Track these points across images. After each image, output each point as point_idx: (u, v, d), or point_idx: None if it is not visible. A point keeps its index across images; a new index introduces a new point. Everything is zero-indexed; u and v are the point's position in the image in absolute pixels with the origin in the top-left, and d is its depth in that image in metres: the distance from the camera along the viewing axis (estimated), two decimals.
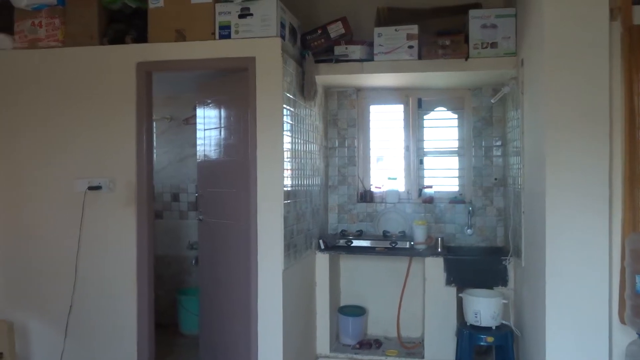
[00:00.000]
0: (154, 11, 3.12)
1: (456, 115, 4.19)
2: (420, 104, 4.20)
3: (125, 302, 3.14)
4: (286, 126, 3.08)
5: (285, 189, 3.07)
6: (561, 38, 2.47)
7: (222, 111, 3.49)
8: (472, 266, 3.58)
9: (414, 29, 3.43)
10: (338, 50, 3.54)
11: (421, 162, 4.22)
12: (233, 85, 3.30)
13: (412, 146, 4.20)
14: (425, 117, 4.23)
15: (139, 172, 3.14)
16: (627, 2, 2.42)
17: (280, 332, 3.01)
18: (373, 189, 4.27)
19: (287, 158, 3.11)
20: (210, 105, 3.61)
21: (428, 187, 4.15)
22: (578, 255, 2.46)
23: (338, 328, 3.96)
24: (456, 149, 4.19)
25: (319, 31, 3.52)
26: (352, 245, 3.82)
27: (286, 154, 3.08)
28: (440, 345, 3.57)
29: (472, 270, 3.56)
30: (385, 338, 4.02)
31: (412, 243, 3.80)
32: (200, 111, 3.74)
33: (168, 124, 4.70)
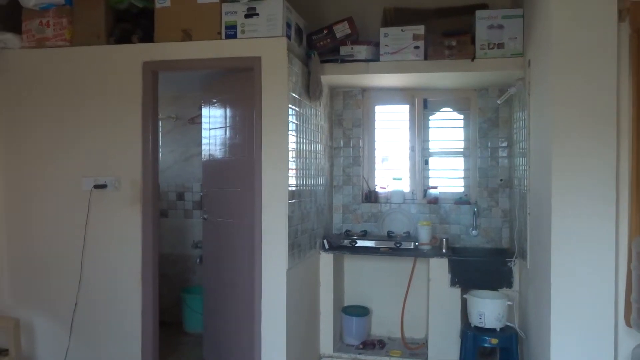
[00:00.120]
0: (160, 11, 3.13)
1: (462, 116, 4.18)
2: (425, 104, 4.19)
3: (130, 300, 3.15)
4: (291, 126, 3.08)
5: (290, 188, 3.07)
6: (569, 39, 2.45)
7: (228, 110, 3.49)
8: (477, 267, 3.56)
9: (420, 29, 3.42)
10: (344, 50, 3.54)
11: (426, 163, 4.21)
12: (239, 85, 3.30)
13: (418, 146, 4.19)
14: (430, 118, 4.22)
15: (145, 171, 3.15)
16: (636, 3, 2.40)
17: (284, 332, 3.01)
18: (378, 189, 4.26)
19: (292, 158, 3.11)
20: (215, 105, 3.62)
21: (433, 188, 4.14)
22: (584, 258, 2.44)
23: (342, 328, 3.96)
24: (462, 150, 4.17)
25: (325, 31, 3.52)
26: (357, 245, 3.82)
27: (291, 154, 3.08)
28: (444, 347, 3.56)
29: (477, 271, 3.55)
30: (389, 338, 4.01)
31: (417, 244, 3.79)
32: (205, 110, 3.75)
33: (174, 123, 4.72)
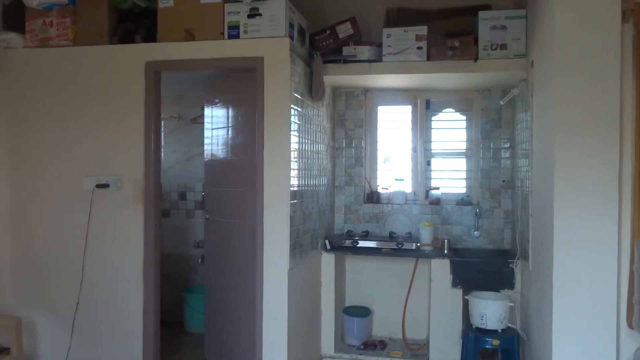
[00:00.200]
0: (163, 11, 3.13)
1: (464, 117, 4.18)
2: (428, 105, 4.19)
3: (132, 300, 3.15)
4: (294, 126, 3.08)
5: (292, 188, 3.07)
6: (572, 40, 2.45)
7: (230, 111, 3.49)
8: (479, 268, 3.56)
9: (423, 30, 3.42)
10: (346, 50, 3.53)
11: (428, 164, 4.20)
12: (241, 85, 3.30)
13: (420, 147, 4.19)
14: (433, 118, 4.22)
15: (147, 171, 3.15)
16: None
17: (285, 332, 3.01)
18: (380, 190, 4.26)
19: (294, 158, 3.11)
20: (218, 105, 3.62)
21: (435, 189, 4.14)
22: (586, 259, 2.44)
23: (343, 328, 3.96)
24: (464, 151, 4.17)
25: (328, 31, 3.52)
26: (358, 245, 3.81)
27: (293, 154, 3.08)
28: (445, 348, 3.56)
29: (479, 272, 3.55)
30: (390, 339, 4.01)
31: (419, 244, 3.78)
32: (208, 110, 3.75)
33: (176, 123, 4.72)
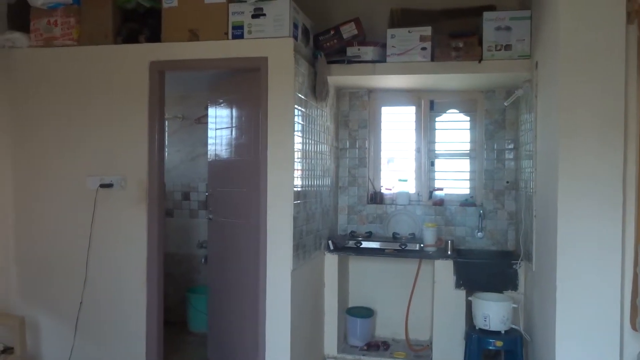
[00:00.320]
0: (167, 11, 3.14)
1: (468, 118, 4.17)
2: (432, 105, 4.18)
3: (135, 300, 3.16)
4: (297, 126, 3.09)
5: (296, 189, 3.07)
6: (576, 41, 2.44)
7: (234, 111, 3.50)
8: (482, 269, 3.55)
9: (427, 30, 3.41)
10: (350, 51, 3.53)
11: (432, 164, 4.20)
12: (245, 85, 3.31)
13: (424, 148, 4.19)
14: (437, 119, 4.21)
15: (151, 171, 3.16)
16: None
17: (288, 332, 3.01)
18: (383, 191, 4.26)
19: (298, 158, 3.11)
20: (222, 105, 3.63)
21: (439, 190, 4.13)
22: (590, 261, 2.43)
23: (346, 329, 3.96)
24: (468, 152, 4.16)
25: (332, 32, 3.52)
26: (362, 246, 3.81)
27: (297, 155, 3.08)
28: (448, 349, 3.55)
29: (482, 273, 3.54)
30: (393, 340, 4.01)
31: (422, 245, 3.78)
32: (212, 110, 3.76)
33: (180, 123, 4.73)
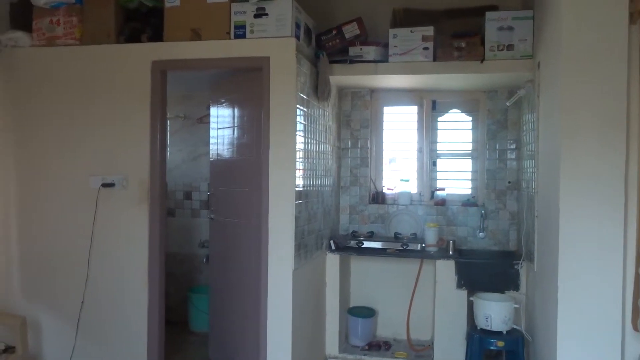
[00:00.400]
0: (170, 10, 3.14)
1: (470, 118, 4.16)
2: (434, 105, 4.18)
3: (136, 299, 3.16)
4: (299, 126, 3.09)
5: (297, 189, 3.07)
6: (579, 41, 2.44)
7: (236, 110, 3.50)
8: (484, 270, 3.55)
9: (430, 30, 3.41)
10: (353, 51, 3.53)
11: (434, 164, 4.20)
12: (247, 85, 3.31)
13: (425, 148, 4.18)
14: (439, 119, 4.21)
15: (152, 170, 3.16)
16: None
17: (290, 332, 3.01)
18: (385, 191, 4.25)
19: (300, 158, 3.11)
20: (223, 105, 3.63)
21: (440, 190, 4.13)
22: (591, 261, 2.43)
23: (347, 329, 3.96)
24: (470, 152, 4.16)
25: (334, 32, 3.52)
26: (363, 246, 3.81)
27: (299, 154, 3.08)
28: (450, 349, 3.55)
29: (484, 273, 3.53)
30: (394, 340, 4.00)
31: (424, 245, 3.78)
32: (214, 110, 3.76)
33: (182, 123, 4.73)
